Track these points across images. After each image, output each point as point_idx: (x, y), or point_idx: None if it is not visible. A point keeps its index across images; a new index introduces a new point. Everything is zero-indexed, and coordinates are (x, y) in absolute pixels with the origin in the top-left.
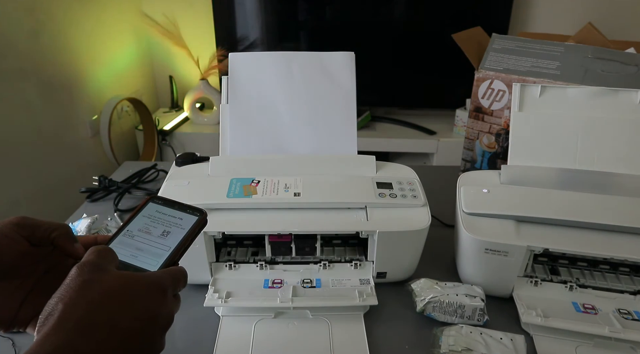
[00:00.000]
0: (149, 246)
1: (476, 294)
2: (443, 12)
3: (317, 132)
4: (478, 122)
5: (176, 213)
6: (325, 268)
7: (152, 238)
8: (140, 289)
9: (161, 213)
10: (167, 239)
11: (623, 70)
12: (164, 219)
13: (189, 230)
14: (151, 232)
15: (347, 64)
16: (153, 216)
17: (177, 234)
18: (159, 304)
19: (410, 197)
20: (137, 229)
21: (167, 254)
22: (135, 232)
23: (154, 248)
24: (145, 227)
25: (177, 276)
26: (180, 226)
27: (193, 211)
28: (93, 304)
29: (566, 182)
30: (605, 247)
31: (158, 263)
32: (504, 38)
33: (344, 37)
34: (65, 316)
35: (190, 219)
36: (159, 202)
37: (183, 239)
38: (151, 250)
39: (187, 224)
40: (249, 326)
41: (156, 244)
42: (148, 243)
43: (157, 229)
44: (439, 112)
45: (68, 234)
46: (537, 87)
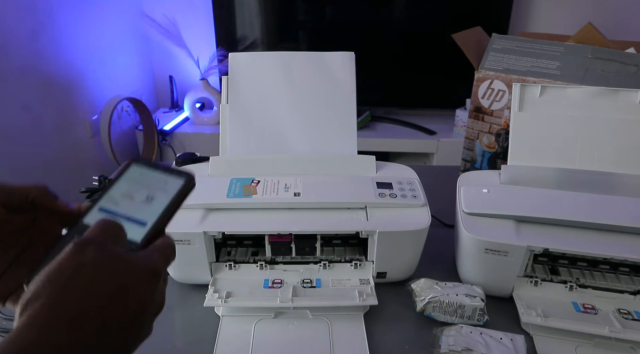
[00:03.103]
0: (133, 213)
1: (476, 294)
2: (443, 12)
3: (317, 132)
4: (478, 122)
5: (161, 177)
6: (325, 268)
7: (136, 204)
8: (137, 276)
9: (145, 177)
10: (151, 204)
11: (623, 70)
12: (148, 183)
13: (175, 195)
14: (134, 198)
15: (347, 64)
16: (136, 180)
17: (163, 200)
18: (154, 292)
19: (410, 197)
20: (120, 195)
21: (152, 221)
22: (117, 197)
23: (138, 215)
24: (128, 192)
25: (167, 252)
26: (165, 191)
27: (179, 174)
28: (86, 294)
29: (566, 182)
30: (605, 247)
31: (143, 232)
32: (504, 38)
33: (344, 37)
34: (52, 303)
35: (176, 183)
36: (142, 165)
37: (169, 204)
38: (135, 217)
39: (173, 188)
40: (249, 326)
41: (140, 211)
42: (131, 210)
43: (140, 194)
44: (439, 112)
45: (47, 192)
46: (537, 87)
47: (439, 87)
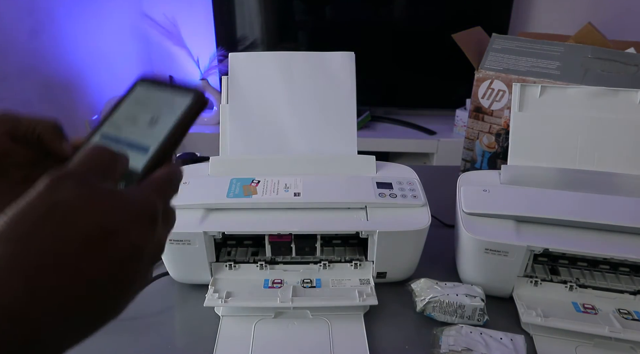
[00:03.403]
0: (135, 138)
1: (476, 294)
2: (443, 12)
3: (317, 132)
4: (478, 122)
5: (167, 95)
6: (325, 268)
7: (139, 128)
8: (126, 218)
9: (151, 96)
10: (155, 127)
11: (623, 70)
12: (154, 103)
13: (181, 113)
14: (138, 122)
15: (347, 64)
16: (141, 101)
17: (168, 121)
18: (147, 236)
19: (410, 197)
20: (123, 118)
21: (154, 146)
22: (120, 122)
23: (141, 140)
24: (131, 115)
25: (164, 187)
26: (171, 110)
27: (186, 91)
28: (57, 241)
29: (566, 182)
30: (605, 247)
31: (144, 159)
32: (504, 38)
33: (344, 37)
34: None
35: (184, 100)
36: (149, 83)
37: (174, 126)
38: (137, 143)
39: (179, 106)
40: (249, 326)
41: (143, 135)
42: (134, 135)
43: (144, 116)
44: (439, 112)
45: (55, 130)
46: (537, 87)
47: (439, 87)
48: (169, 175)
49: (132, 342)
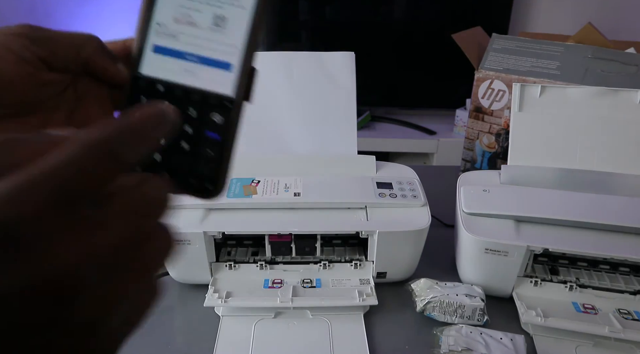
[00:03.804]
0: (207, 51)
1: (476, 294)
2: (443, 12)
3: (317, 132)
4: (478, 122)
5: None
6: (325, 268)
7: (204, 34)
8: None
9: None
10: (226, 30)
11: (623, 70)
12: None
13: (255, 5)
14: (197, 23)
15: (347, 64)
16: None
17: (238, 18)
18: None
19: (410, 197)
20: (172, 19)
21: (237, 59)
22: (170, 25)
23: (215, 53)
24: (182, 13)
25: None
26: (236, 1)
27: None
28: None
29: (566, 182)
30: (605, 247)
31: (230, 82)
32: (504, 38)
33: (344, 37)
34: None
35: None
36: None
37: (252, 25)
38: (213, 58)
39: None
40: (249, 326)
41: (215, 44)
42: (202, 45)
43: (202, 14)
44: (439, 112)
45: (103, 50)
46: (537, 87)
47: (439, 87)
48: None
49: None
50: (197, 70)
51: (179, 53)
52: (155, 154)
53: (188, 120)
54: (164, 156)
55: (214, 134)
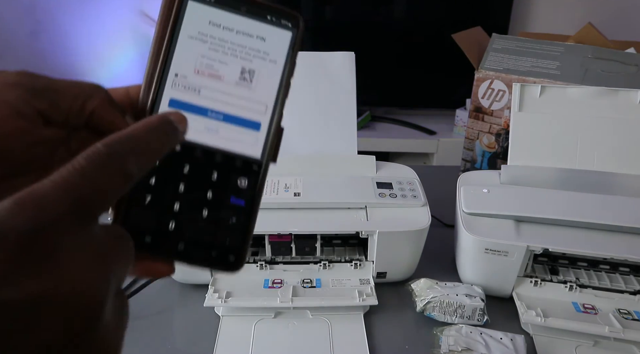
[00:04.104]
0: (229, 106)
1: (476, 294)
2: (443, 12)
3: (317, 132)
4: (478, 122)
5: (250, 25)
6: (325, 268)
7: (229, 88)
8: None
9: (221, 28)
10: (255, 85)
11: (623, 70)
12: (233, 42)
13: (287, 60)
14: (221, 76)
15: (347, 64)
16: (207, 35)
17: (270, 73)
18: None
19: (410, 197)
20: (193, 71)
21: (267, 119)
22: (190, 77)
23: (240, 108)
24: (205, 64)
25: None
26: (267, 54)
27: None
28: None
29: (566, 182)
30: (605, 247)
31: (259, 138)
32: (504, 38)
33: (344, 37)
34: None
35: (282, 36)
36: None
37: (284, 82)
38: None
39: (278, 47)
40: (249, 326)
41: (242, 101)
42: (225, 99)
43: (229, 67)
44: (439, 112)
45: (112, 102)
46: (537, 87)
47: (439, 87)
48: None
49: (132, 342)
50: (221, 129)
51: (201, 109)
52: (170, 222)
53: (209, 184)
54: (181, 225)
55: (239, 200)
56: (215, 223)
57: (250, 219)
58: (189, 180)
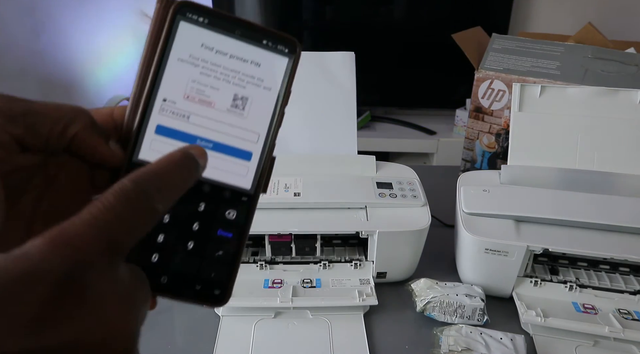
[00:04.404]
0: (220, 134)
1: (476, 294)
2: (443, 12)
3: (317, 132)
4: (478, 122)
5: (245, 49)
6: (325, 268)
7: (220, 115)
8: None
9: (214, 51)
10: (248, 113)
11: (623, 70)
12: (226, 67)
13: (283, 87)
14: (213, 102)
15: (347, 64)
16: (198, 59)
17: (264, 101)
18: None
19: (410, 197)
20: (182, 96)
21: (259, 146)
22: (180, 103)
23: (232, 137)
24: (195, 89)
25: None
26: (260, 81)
27: (276, 42)
28: None
29: (566, 182)
30: (605, 247)
31: (250, 168)
32: (504, 38)
33: (344, 37)
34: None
35: (278, 62)
36: (200, 21)
37: (278, 110)
38: (227, 141)
39: (273, 74)
40: (249, 326)
41: (233, 128)
42: (216, 127)
43: (221, 93)
44: (439, 112)
45: (95, 126)
46: (537, 87)
47: (439, 87)
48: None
49: None
50: (210, 158)
51: (189, 137)
52: (153, 255)
53: (196, 216)
54: (165, 258)
55: (226, 232)
56: (201, 256)
57: (238, 252)
58: (174, 211)
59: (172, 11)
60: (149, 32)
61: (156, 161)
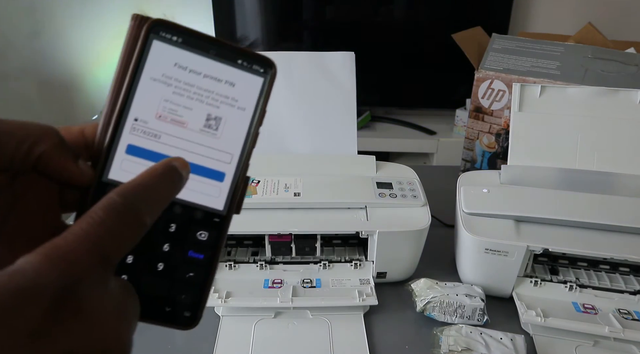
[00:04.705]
0: (192, 154)
1: (476, 294)
2: (443, 12)
3: (317, 132)
4: (478, 122)
5: (219, 69)
6: (325, 268)
7: (193, 135)
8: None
9: (187, 71)
10: (221, 133)
11: (623, 70)
12: (200, 87)
13: (255, 108)
14: (185, 122)
15: (347, 64)
16: (171, 78)
17: (238, 121)
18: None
19: (410, 197)
20: (154, 116)
21: (232, 169)
22: (151, 122)
23: (204, 157)
24: (168, 109)
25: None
26: (234, 101)
27: (251, 62)
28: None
29: (566, 182)
30: (605, 247)
31: (223, 189)
32: (504, 38)
33: (344, 37)
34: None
35: (253, 82)
36: (173, 40)
37: (252, 131)
38: (199, 161)
39: (248, 94)
40: (249, 326)
41: (205, 149)
42: (188, 147)
43: (194, 113)
44: (439, 112)
45: (63, 145)
46: (537, 87)
47: (439, 87)
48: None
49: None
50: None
51: (161, 157)
52: (122, 276)
53: (166, 237)
54: (133, 279)
55: (197, 253)
56: (171, 277)
57: (209, 274)
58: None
59: (145, 30)
60: (122, 49)
61: (140, 174)
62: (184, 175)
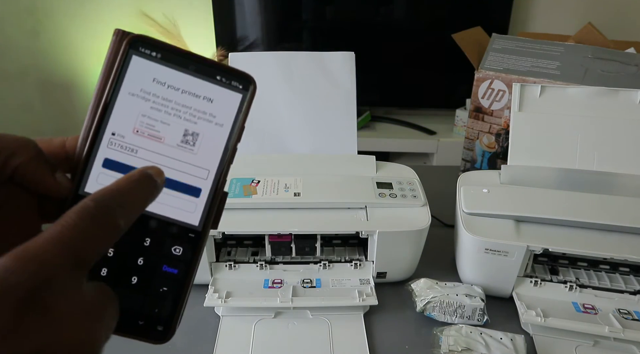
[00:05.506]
0: (169, 170)
1: (476, 294)
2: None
3: (317, 132)
4: (478, 122)
5: (197, 85)
6: (325, 268)
7: (169, 150)
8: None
9: (165, 86)
10: (198, 149)
11: (623, 70)
12: (178, 102)
13: (234, 124)
14: (162, 137)
15: (347, 64)
16: (150, 93)
17: (215, 137)
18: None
19: (410, 197)
20: (131, 130)
21: (208, 185)
22: (128, 137)
23: (180, 173)
24: (145, 124)
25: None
26: (212, 117)
27: (230, 78)
28: None
29: (566, 182)
30: (605, 247)
31: (199, 205)
32: (504, 38)
33: (344, 37)
34: None
35: (232, 98)
36: (153, 56)
37: (229, 147)
38: (175, 176)
39: (226, 110)
40: (249, 326)
41: (181, 164)
42: (164, 163)
43: (171, 128)
44: (439, 112)
45: (40, 158)
46: (537, 87)
47: (439, 87)
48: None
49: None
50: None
51: (133, 166)
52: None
53: (140, 251)
54: None
55: (172, 268)
56: (145, 291)
57: (184, 289)
58: (118, 245)
59: (125, 45)
60: (103, 64)
61: (115, 181)
62: (159, 182)
